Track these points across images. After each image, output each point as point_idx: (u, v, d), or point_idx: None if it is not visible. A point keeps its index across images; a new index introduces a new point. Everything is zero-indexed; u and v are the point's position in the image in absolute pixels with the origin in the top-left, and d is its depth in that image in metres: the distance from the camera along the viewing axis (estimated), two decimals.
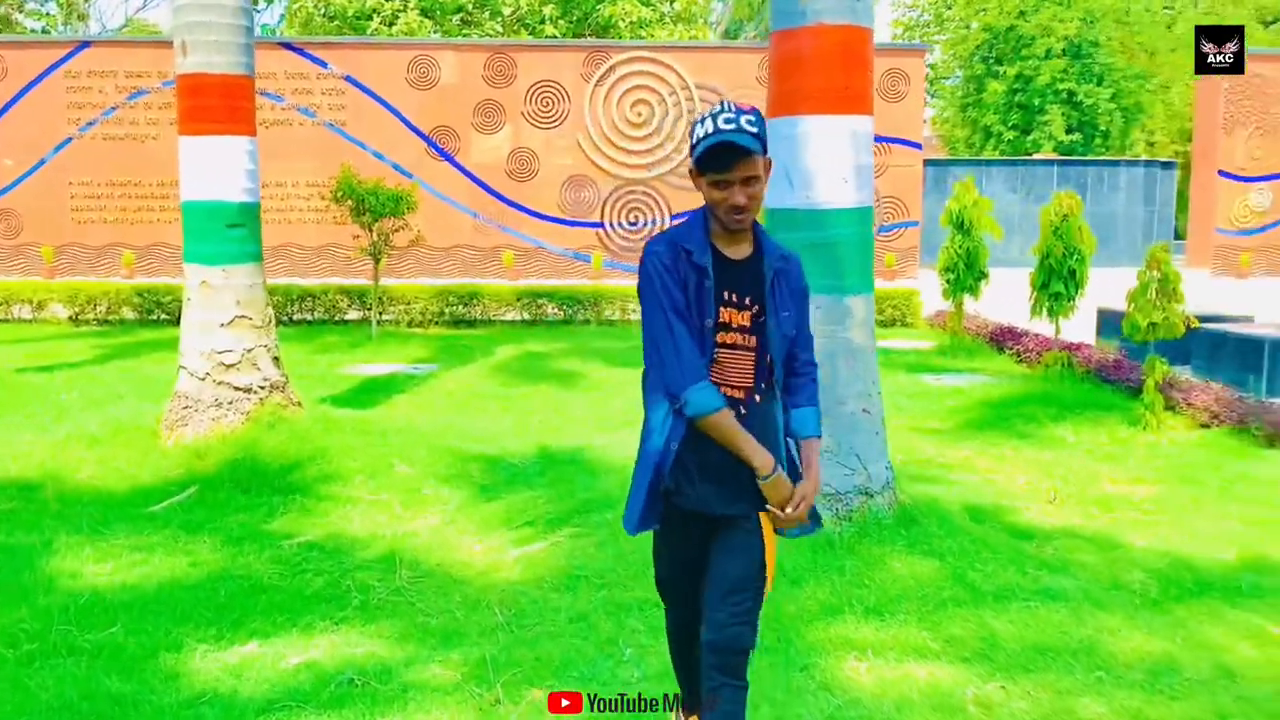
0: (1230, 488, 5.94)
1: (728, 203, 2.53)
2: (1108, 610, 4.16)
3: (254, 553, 4.78)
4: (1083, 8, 35.83)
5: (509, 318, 13.35)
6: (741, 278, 2.63)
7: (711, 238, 2.63)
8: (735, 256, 2.63)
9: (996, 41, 38.86)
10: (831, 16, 4.38)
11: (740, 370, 2.64)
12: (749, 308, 2.62)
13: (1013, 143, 37.69)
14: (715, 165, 2.50)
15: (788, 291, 2.68)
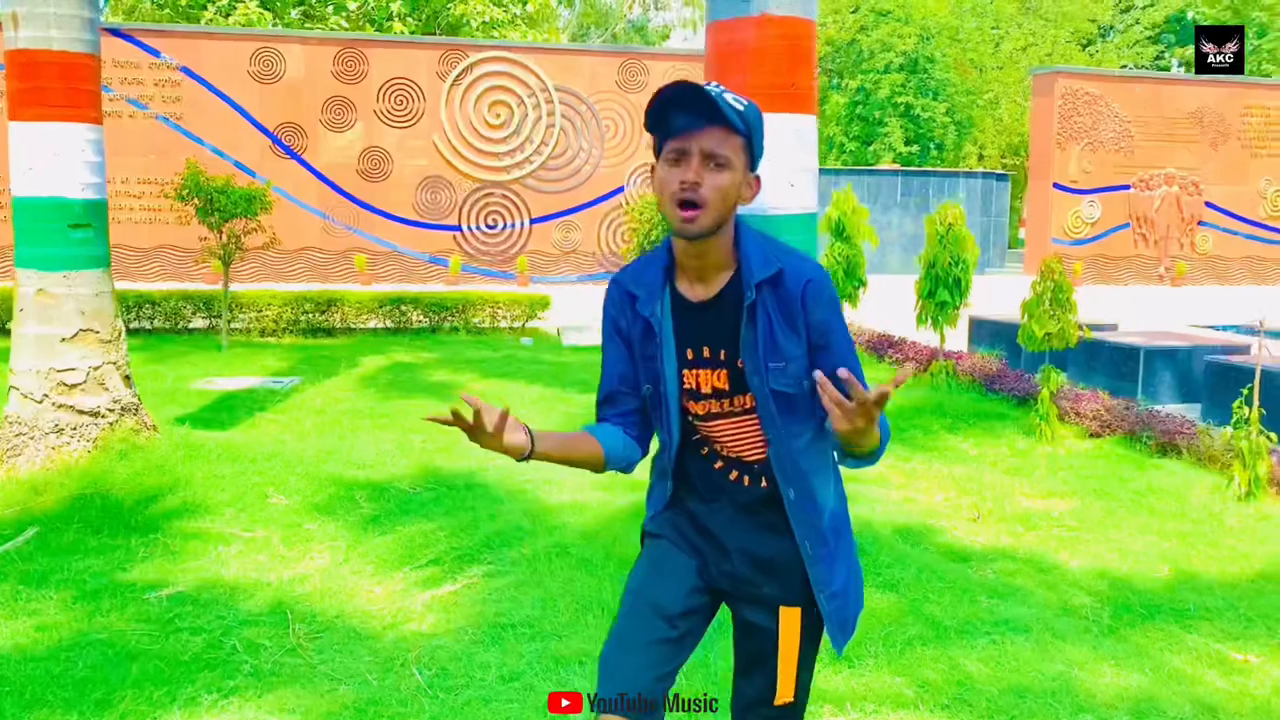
0: (1141, 500, 5.91)
1: (677, 182, 1.82)
2: (1069, 641, 3.95)
3: (115, 609, 4.09)
4: (919, 25, 37.08)
5: (370, 325, 12.58)
6: (708, 325, 1.95)
7: (675, 275, 1.98)
8: (699, 297, 1.95)
9: (838, 55, 39.87)
10: (777, 7, 4.04)
11: (736, 437, 2.01)
12: (724, 363, 1.96)
13: (855, 153, 38.71)
14: (674, 125, 1.82)
15: (779, 326, 1.91)
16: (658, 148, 1.89)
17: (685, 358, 1.97)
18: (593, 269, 21.67)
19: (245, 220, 10.71)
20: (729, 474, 2.04)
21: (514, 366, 10.41)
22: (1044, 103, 23.59)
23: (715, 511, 2.06)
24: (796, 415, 1.95)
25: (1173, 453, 6.89)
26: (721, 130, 1.83)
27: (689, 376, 1.98)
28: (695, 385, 1.98)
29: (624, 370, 2.06)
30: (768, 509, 2.03)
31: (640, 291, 1.99)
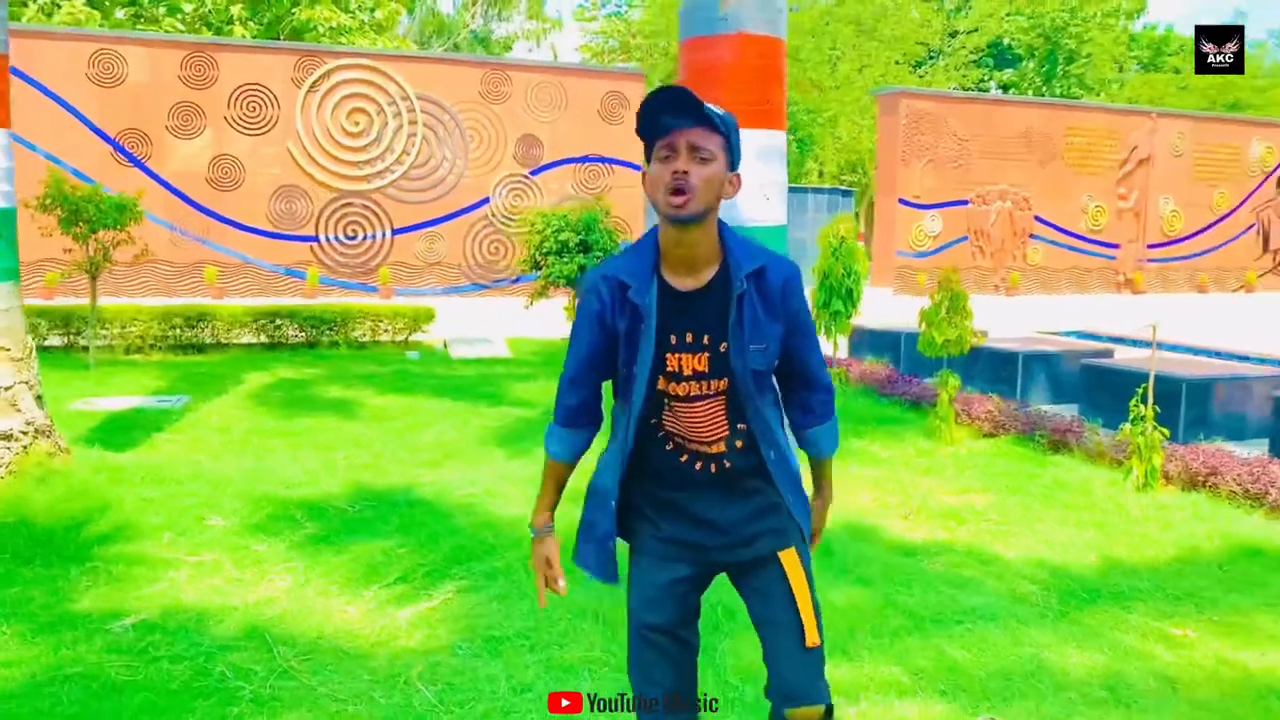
0: (1052, 494, 6.32)
1: (668, 174, 2.05)
2: (1031, 625, 4.23)
3: (80, 641, 3.86)
4: None
5: (244, 341, 12.10)
6: (695, 312, 2.16)
7: (662, 266, 2.17)
8: (688, 287, 2.16)
9: None
10: (754, 26, 4.19)
11: (704, 423, 2.22)
12: (706, 348, 2.16)
13: None
14: (657, 127, 2.07)
15: (761, 313, 2.17)
16: (648, 151, 2.13)
17: (669, 342, 2.16)
18: (458, 281, 21.43)
19: (115, 232, 10.16)
20: (694, 465, 2.27)
21: (409, 381, 10.23)
22: (889, 121, 24.72)
23: (694, 498, 2.28)
24: (764, 388, 2.25)
25: (1064, 450, 7.39)
26: (704, 129, 2.08)
27: (672, 360, 2.16)
28: (678, 368, 2.17)
29: (595, 357, 2.25)
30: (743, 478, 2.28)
31: (633, 281, 2.15)
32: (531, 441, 7.42)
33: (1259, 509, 5.89)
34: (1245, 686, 3.79)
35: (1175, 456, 6.48)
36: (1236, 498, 6.02)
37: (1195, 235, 28.20)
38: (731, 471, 2.26)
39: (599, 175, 22.20)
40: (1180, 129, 27.86)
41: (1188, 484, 6.33)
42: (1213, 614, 4.47)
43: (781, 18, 4.28)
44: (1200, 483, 6.26)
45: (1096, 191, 26.59)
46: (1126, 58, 49.95)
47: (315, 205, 20.49)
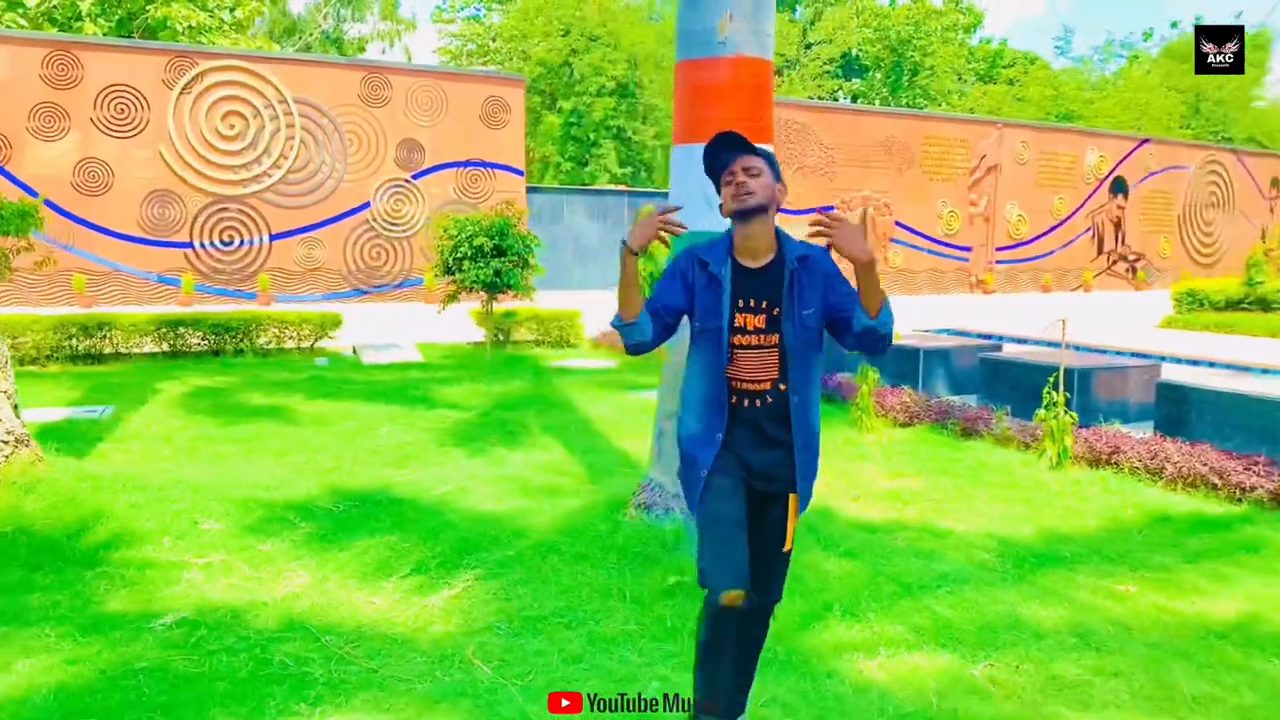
0: (978, 476, 6.95)
1: (733, 185, 2.89)
2: (998, 587, 4.77)
3: (131, 639, 3.95)
4: (628, 51, 38.85)
5: (146, 350, 11.80)
6: (758, 284, 2.92)
7: (734, 252, 2.96)
8: (753, 265, 2.94)
9: (551, 77, 40.92)
10: (748, 49, 4.59)
11: (758, 366, 2.94)
12: (764, 310, 2.91)
13: (570, 173, 39.84)
14: (719, 162, 2.92)
15: (809, 285, 2.91)
16: (718, 185, 2.97)
17: (738, 305, 2.92)
18: (340, 286, 21.17)
19: (15, 239, 9.80)
20: (743, 402, 2.96)
21: (329, 387, 10.24)
22: None
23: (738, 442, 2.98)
24: (810, 347, 2.95)
25: (974, 436, 8.07)
26: (751, 155, 2.92)
27: (739, 318, 2.92)
28: (743, 324, 2.93)
29: (672, 302, 2.99)
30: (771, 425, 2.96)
31: (711, 259, 2.96)
32: (483, 441, 7.65)
33: (1158, 481, 6.65)
34: (1187, 629, 4.41)
35: (1079, 438, 7.21)
36: (1138, 472, 6.77)
37: (1039, 238, 30.20)
38: (769, 409, 2.94)
39: (481, 179, 22.30)
40: (1023, 138, 29.80)
41: (1093, 462, 7.06)
42: (1144, 572, 5.11)
43: (770, 41, 4.69)
44: (1104, 460, 6.99)
45: (950, 197, 28.18)
46: (965, 70, 52.83)
47: (189, 210, 19.91)
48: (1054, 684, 3.83)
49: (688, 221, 4.84)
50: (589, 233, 27.62)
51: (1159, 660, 4.05)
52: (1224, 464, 6.49)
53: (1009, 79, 51.56)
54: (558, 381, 10.65)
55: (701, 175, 4.70)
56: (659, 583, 4.46)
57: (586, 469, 6.81)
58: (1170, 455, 6.73)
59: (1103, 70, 56.38)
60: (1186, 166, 33.30)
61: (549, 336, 13.53)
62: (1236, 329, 17.89)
